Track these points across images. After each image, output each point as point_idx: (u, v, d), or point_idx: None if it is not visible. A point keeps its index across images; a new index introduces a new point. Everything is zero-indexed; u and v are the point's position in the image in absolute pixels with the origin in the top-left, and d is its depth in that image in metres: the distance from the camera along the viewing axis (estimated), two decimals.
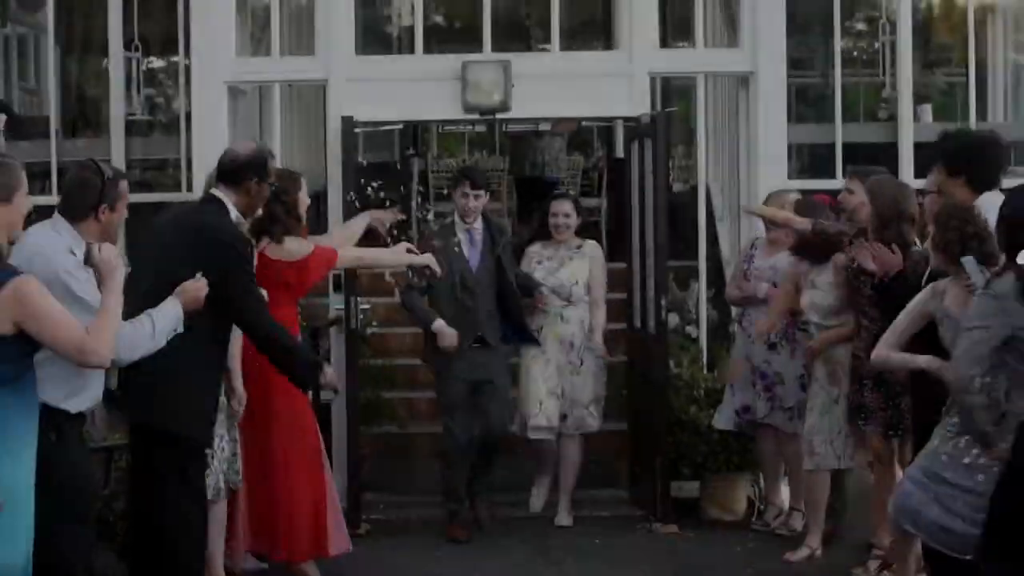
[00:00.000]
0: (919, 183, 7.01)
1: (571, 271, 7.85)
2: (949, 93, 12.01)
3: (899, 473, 6.34)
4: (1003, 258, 4.78)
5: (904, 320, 5.38)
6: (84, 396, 4.77)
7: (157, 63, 11.83)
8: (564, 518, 7.85)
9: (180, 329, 4.96)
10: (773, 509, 7.64)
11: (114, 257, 4.50)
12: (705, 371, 8.17)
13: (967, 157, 5.79)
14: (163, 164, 9.96)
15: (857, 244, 6.36)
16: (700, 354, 8.38)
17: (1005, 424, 4.62)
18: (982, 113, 11.96)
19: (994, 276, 4.74)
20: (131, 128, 10.32)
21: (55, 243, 4.76)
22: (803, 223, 6.99)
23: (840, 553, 6.99)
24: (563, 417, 7.78)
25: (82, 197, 4.88)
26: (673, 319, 8.31)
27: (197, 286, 5.05)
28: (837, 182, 8.00)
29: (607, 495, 8.33)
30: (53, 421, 4.56)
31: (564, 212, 7.89)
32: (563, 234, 7.88)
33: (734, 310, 8.05)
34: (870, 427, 6.59)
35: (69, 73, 11.23)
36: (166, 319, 4.91)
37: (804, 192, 8.17)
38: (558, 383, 7.77)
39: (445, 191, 14.43)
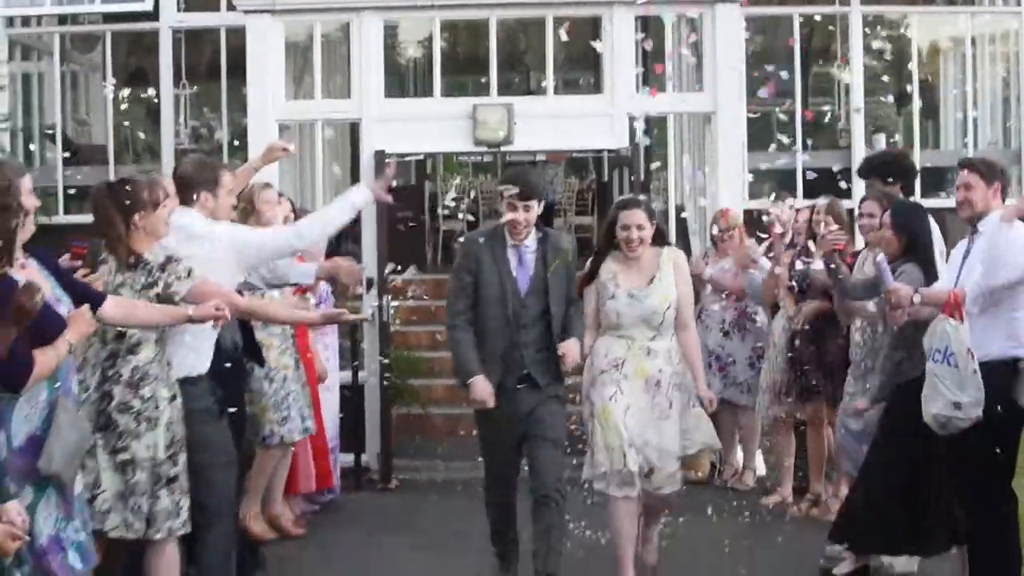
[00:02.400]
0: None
1: (661, 296, 6.34)
2: (907, 123, 13.34)
3: (829, 433, 7.96)
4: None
5: None
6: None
7: (202, 96, 13.27)
8: None
9: None
10: (729, 469, 9.07)
11: None
12: None
13: (899, 170, 7.26)
14: None
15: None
16: None
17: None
18: (935, 142, 13.50)
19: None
20: (177, 156, 11.84)
21: None
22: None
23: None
24: (649, 472, 6.27)
25: None
26: None
27: None
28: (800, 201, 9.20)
29: None
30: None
31: (637, 223, 6.31)
32: (636, 249, 6.30)
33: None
34: (812, 403, 7.97)
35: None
36: None
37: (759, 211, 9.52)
38: (640, 432, 6.23)
39: (456, 210, 16.07)
